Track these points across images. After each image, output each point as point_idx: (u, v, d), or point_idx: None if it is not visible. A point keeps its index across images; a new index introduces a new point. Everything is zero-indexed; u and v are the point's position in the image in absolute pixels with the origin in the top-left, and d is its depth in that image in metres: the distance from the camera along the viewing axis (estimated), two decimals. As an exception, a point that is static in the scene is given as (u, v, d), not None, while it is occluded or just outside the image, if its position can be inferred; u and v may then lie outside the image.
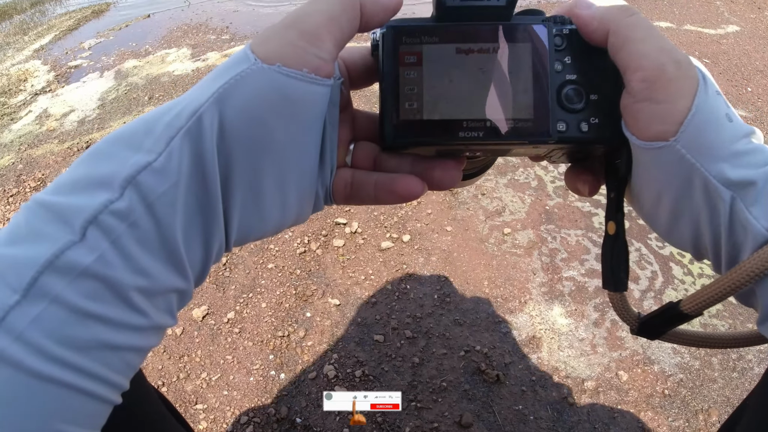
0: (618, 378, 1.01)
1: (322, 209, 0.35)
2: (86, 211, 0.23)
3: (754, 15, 2.55)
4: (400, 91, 0.31)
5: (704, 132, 0.28)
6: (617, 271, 0.35)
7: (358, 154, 0.35)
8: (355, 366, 1.03)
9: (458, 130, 0.31)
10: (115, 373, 0.24)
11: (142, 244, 0.24)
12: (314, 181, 0.31)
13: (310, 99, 0.28)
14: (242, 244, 0.31)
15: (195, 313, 1.15)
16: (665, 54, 0.28)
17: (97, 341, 0.23)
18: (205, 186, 0.26)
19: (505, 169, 1.54)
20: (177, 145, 0.25)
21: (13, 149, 1.90)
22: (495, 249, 1.28)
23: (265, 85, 0.26)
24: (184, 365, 1.06)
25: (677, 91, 0.28)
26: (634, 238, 1.29)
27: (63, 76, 2.48)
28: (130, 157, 0.24)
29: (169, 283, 0.26)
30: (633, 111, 0.29)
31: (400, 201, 0.33)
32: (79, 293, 0.22)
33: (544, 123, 0.31)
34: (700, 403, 0.98)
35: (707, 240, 0.30)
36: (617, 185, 0.35)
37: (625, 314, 0.37)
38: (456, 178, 0.33)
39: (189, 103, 0.26)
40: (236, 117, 0.26)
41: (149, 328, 0.25)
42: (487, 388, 0.99)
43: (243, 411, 0.98)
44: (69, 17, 3.50)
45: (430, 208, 1.40)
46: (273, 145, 0.28)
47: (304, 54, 0.27)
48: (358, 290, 1.19)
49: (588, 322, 1.11)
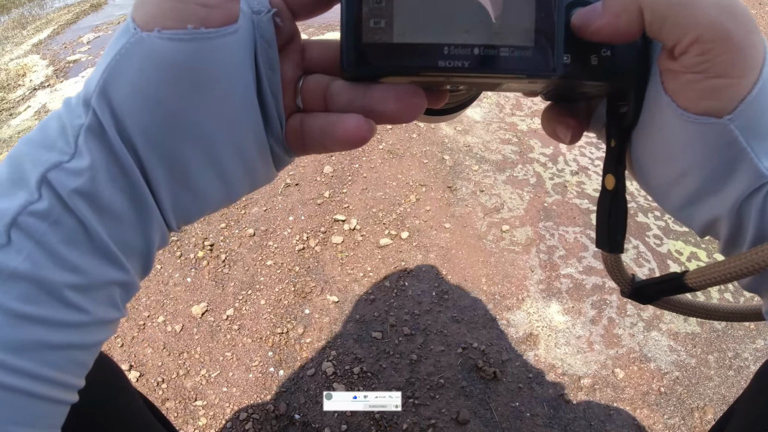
0: (614, 375, 1.02)
1: (289, 162, 0.31)
2: (7, 215, 0.22)
3: (755, 11, 2.54)
4: (365, 5, 0.24)
5: (765, 112, 0.24)
6: (613, 231, 0.32)
7: (305, 93, 0.29)
8: (354, 363, 1.04)
9: (438, 57, 0.25)
10: (62, 373, 0.24)
11: (67, 242, 0.23)
12: (262, 142, 0.28)
13: (211, 57, 0.23)
14: (189, 222, 0.29)
15: (194, 310, 1.15)
16: (727, 14, 0.22)
17: (35, 342, 0.22)
18: (125, 177, 0.24)
19: (503, 166, 1.54)
20: (83, 142, 0.23)
21: (12, 145, 1.90)
22: (493, 246, 1.29)
23: (149, 58, 0.23)
24: (183, 362, 1.07)
25: (743, 63, 0.23)
26: (632, 235, 1.30)
27: (62, 70, 2.48)
28: (44, 158, 0.23)
29: (105, 277, 0.25)
30: (680, 80, 0.24)
31: (346, 147, 0.28)
32: (12, 296, 0.22)
33: (548, 52, 0.25)
34: (696, 400, 0.98)
35: (726, 223, 0.27)
36: (620, 134, 0.30)
37: (619, 276, 0.35)
38: (418, 110, 0.27)
39: (86, 92, 0.24)
40: (127, 103, 0.23)
41: (91, 324, 0.24)
42: (484, 385, 1.00)
43: (242, 407, 0.98)
44: (67, 11, 3.48)
45: (429, 205, 1.40)
46: (183, 124, 0.24)
47: (184, 7, 0.22)
48: (356, 287, 1.20)
49: (585, 320, 1.12)
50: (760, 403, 0.42)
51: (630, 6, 0.24)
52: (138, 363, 1.06)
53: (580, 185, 1.47)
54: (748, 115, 0.23)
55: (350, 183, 1.47)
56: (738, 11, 0.22)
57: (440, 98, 0.30)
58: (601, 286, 1.18)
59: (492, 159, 1.57)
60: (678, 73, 0.24)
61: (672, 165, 0.27)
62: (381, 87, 0.27)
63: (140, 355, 1.08)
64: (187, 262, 1.25)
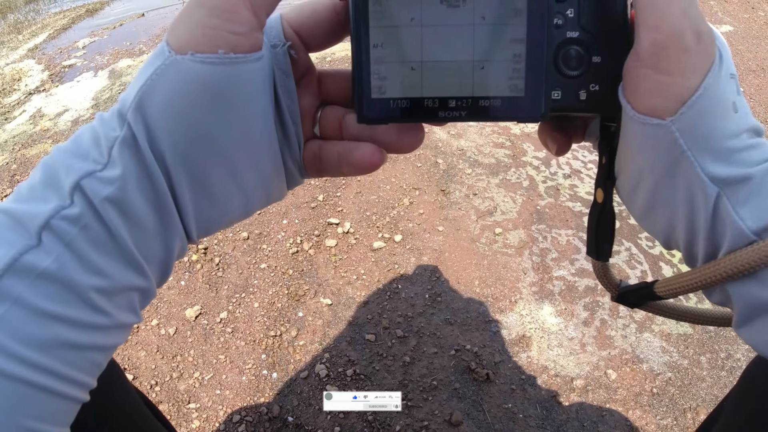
0: (607, 377, 1.02)
1: (301, 183, 0.34)
2: (40, 217, 0.23)
3: (747, 15, 2.57)
4: (372, 63, 0.27)
5: (705, 118, 0.25)
6: (602, 240, 0.34)
7: (324, 123, 0.32)
8: (347, 365, 1.04)
9: (437, 109, 0.28)
10: (78, 372, 0.25)
11: (95, 246, 0.24)
12: (277, 160, 0.30)
13: (238, 81, 0.26)
14: (209, 234, 0.31)
15: (188, 312, 1.15)
16: (688, 20, 0.25)
17: (59, 341, 0.23)
18: (153, 188, 0.26)
19: (497, 170, 1.55)
20: (117, 153, 0.25)
21: (7, 149, 1.89)
22: (486, 249, 1.29)
23: (182, 79, 0.25)
24: (177, 365, 1.07)
25: (689, 65, 0.25)
26: (624, 237, 1.30)
27: (57, 75, 2.48)
28: (78, 166, 0.25)
29: (128, 282, 0.26)
30: (635, 76, 0.26)
31: (361, 172, 0.31)
32: (40, 294, 0.23)
33: (537, 99, 0.27)
34: (689, 401, 0.99)
35: (681, 232, 0.29)
36: (609, 151, 0.32)
37: (607, 282, 0.37)
38: (417, 142, 0.31)
39: (121, 107, 0.26)
40: (160, 118, 0.25)
41: (111, 327, 0.26)
42: (477, 387, 1.00)
43: (235, 410, 0.98)
44: (63, 16, 3.49)
45: (422, 208, 1.41)
46: (209, 139, 0.26)
47: (216, 33, 0.25)
48: (350, 290, 1.20)
49: (578, 322, 1.12)
50: (747, 402, 0.43)
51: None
52: (131, 366, 1.06)
53: (572, 188, 1.47)
54: (689, 120, 0.25)
55: (344, 186, 1.47)
56: (700, 25, 0.25)
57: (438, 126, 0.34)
58: (593, 288, 1.19)
59: (485, 162, 1.57)
60: (634, 69, 0.26)
61: (631, 170, 0.30)
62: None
63: (134, 358, 1.08)
64: (181, 266, 1.25)
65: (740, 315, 0.27)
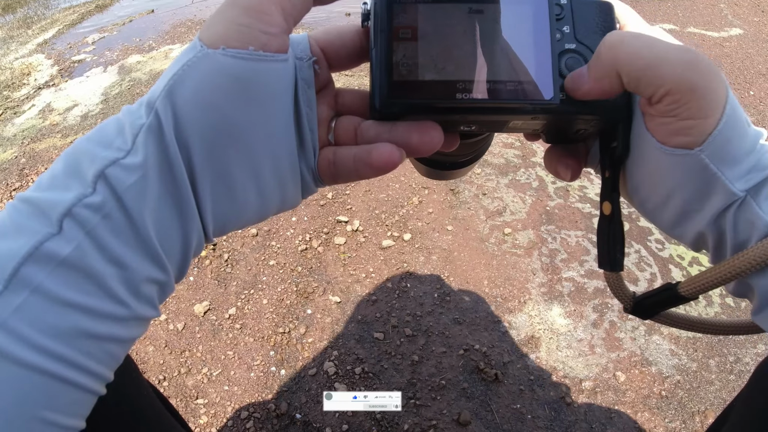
0: (615, 379, 1.02)
1: (314, 191, 0.35)
2: (62, 205, 0.23)
3: (757, 18, 2.55)
4: (393, 53, 0.29)
5: (730, 141, 0.27)
6: (613, 251, 0.35)
7: (339, 130, 0.33)
8: (355, 363, 1.04)
9: (455, 91, 0.29)
10: (97, 364, 0.25)
11: (116, 235, 0.24)
12: (294, 164, 0.31)
13: (265, 78, 0.27)
14: (223, 233, 0.31)
15: (196, 308, 1.16)
16: (691, 69, 0.26)
17: (78, 330, 0.23)
18: (173, 177, 0.26)
19: (506, 170, 1.54)
20: (142, 141, 0.25)
21: (16, 143, 1.90)
22: (495, 249, 1.29)
23: (213, 71, 0.26)
24: (185, 360, 1.07)
25: (707, 106, 0.26)
26: (634, 239, 1.30)
27: (66, 70, 2.49)
28: (102, 154, 0.25)
29: (147, 274, 0.26)
30: (656, 121, 0.28)
31: (379, 172, 0.31)
32: (60, 283, 0.23)
33: (546, 86, 0.29)
34: (697, 404, 0.98)
35: (711, 235, 0.30)
36: (612, 165, 0.34)
37: (621, 293, 0.38)
38: (437, 141, 0.31)
39: (150, 97, 0.26)
40: (188, 107, 0.26)
41: (130, 319, 0.26)
42: (485, 387, 1.00)
43: (243, 406, 0.98)
44: (73, 11, 3.50)
45: (431, 207, 1.40)
46: (234, 131, 0.27)
47: (248, 31, 0.26)
48: (358, 288, 1.20)
49: (587, 323, 1.12)
50: (757, 403, 0.43)
51: (609, 72, 0.28)
52: (140, 361, 1.06)
53: (582, 189, 1.47)
54: (716, 146, 0.27)
55: (353, 185, 1.47)
56: (701, 65, 0.26)
57: (453, 142, 0.34)
58: (602, 290, 1.18)
59: (495, 162, 1.57)
60: (654, 116, 0.28)
61: (659, 190, 0.31)
62: (404, 123, 0.31)
63: (142, 353, 1.08)
64: (190, 261, 1.26)
65: (760, 302, 0.29)
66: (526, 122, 0.34)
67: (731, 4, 2.72)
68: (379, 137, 0.31)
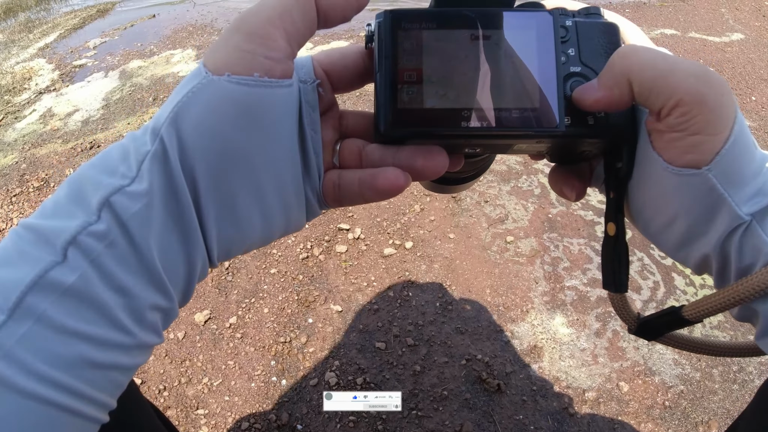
0: (619, 389, 1.01)
1: (318, 214, 0.35)
2: (66, 233, 0.23)
3: (759, 23, 2.55)
4: (398, 78, 0.29)
5: (738, 162, 0.27)
6: (618, 272, 0.35)
7: (343, 152, 0.33)
8: (357, 373, 1.04)
9: (460, 119, 0.29)
10: (101, 392, 0.25)
11: (120, 263, 0.24)
12: (299, 187, 0.31)
13: (269, 103, 0.27)
14: (228, 258, 0.31)
15: (197, 317, 1.15)
16: (703, 82, 0.26)
17: (82, 359, 0.23)
18: (178, 203, 0.26)
19: (508, 177, 1.54)
20: (147, 168, 0.25)
21: (17, 148, 1.90)
22: (497, 257, 1.29)
23: (217, 97, 0.26)
24: (185, 370, 1.06)
25: (716, 122, 0.26)
26: (637, 247, 1.30)
27: (67, 75, 2.49)
28: (106, 182, 0.25)
29: (151, 301, 0.26)
30: (665, 138, 0.28)
31: (384, 196, 0.31)
32: (64, 312, 0.23)
33: (551, 113, 0.29)
34: (701, 414, 0.98)
35: (715, 259, 0.30)
36: (617, 186, 0.34)
37: (625, 314, 0.37)
38: (441, 166, 0.31)
39: (154, 124, 0.26)
40: (193, 134, 0.26)
41: (135, 347, 0.26)
42: (487, 397, 0.99)
43: (244, 416, 0.98)
44: (74, 16, 3.50)
45: (433, 215, 1.40)
46: (239, 157, 0.27)
47: (252, 57, 0.26)
48: (360, 297, 1.19)
49: (589, 332, 1.11)
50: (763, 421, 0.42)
51: (621, 80, 0.27)
52: (140, 370, 1.06)
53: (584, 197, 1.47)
54: (724, 165, 0.27)
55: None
56: (712, 79, 0.26)
57: (457, 163, 0.34)
58: (605, 299, 1.18)
59: (496, 169, 1.57)
60: (663, 132, 0.28)
61: (664, 212, 0.31)
62: (409, 147, 0.31)
63: (143, 362, 1.07)
64: (191, 269, 1.25)
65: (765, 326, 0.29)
66: (530, 145, 0.34)
67: (732, 8, 2.72)
68: (383, 161, 0.31)
